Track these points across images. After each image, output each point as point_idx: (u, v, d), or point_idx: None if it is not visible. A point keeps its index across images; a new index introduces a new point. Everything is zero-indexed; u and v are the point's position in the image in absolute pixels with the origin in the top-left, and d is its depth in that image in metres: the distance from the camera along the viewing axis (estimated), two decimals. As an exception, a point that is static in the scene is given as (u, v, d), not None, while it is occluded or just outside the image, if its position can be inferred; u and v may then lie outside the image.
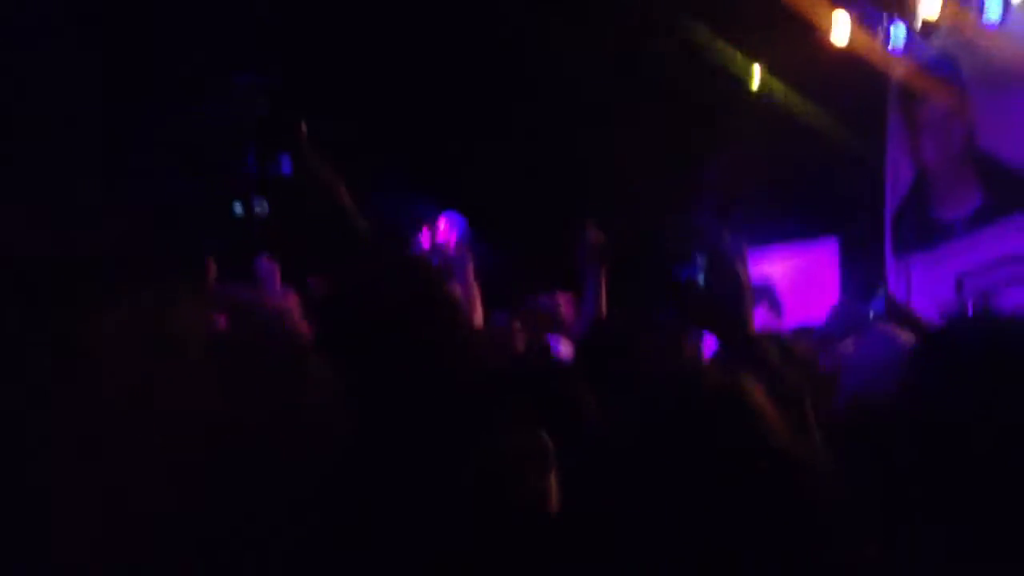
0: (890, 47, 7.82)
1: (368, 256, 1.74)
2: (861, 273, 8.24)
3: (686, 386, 1.74)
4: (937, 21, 7.43)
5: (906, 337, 2.78)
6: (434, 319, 1.73)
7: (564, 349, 4.14)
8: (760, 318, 8.05)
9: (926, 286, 7.53)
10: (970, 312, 6.10)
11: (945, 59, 7.54)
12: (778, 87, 8.66)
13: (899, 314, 3.72)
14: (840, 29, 7.82)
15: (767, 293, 7.71)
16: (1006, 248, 6.98)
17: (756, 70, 8.74)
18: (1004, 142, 7.14)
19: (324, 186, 1.77)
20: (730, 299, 2.32)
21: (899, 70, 7.97)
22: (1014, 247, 6.87)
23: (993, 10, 6.95)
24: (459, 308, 1.91)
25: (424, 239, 4.31)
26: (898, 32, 7.77)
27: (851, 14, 7.82)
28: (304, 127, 1.83)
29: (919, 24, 7.53)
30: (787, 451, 1.61)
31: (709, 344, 3.87)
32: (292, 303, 2.61)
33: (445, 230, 4.81)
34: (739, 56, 8.61)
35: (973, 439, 1.46)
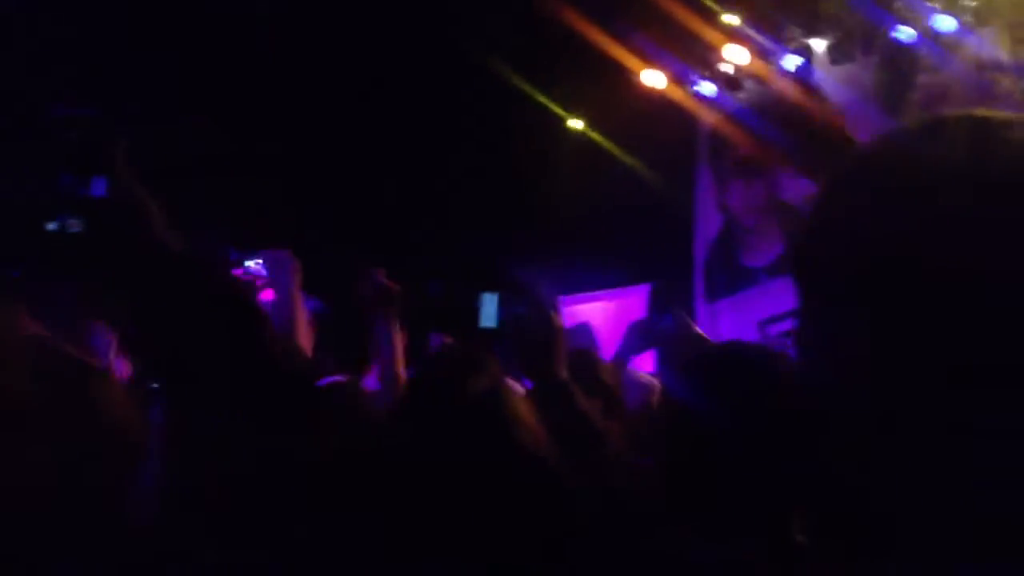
0: (700, 99, 8.09)
1: (176, 277, 1.66)
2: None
3: (446, 397, 1.77)
4: (742, 74, 7.75)
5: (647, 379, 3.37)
6: (237, 330, 1.66)
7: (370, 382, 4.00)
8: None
9: (732, 330, 7.74)
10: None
11: (751, 110, 7.85)
12: (594, 136, 8.82)
13: (684, 329, 3.81)
14: (653, 79, 8.04)
15: (587, 334, 7.75)
16: (805, 295, 7.24)
17: (571, 119, 8.87)
18: (803, 194, 7.45)
19: (136, 207, 1.65)
20: (542, 342, 2.33)
21: (708, 121, 8.24)
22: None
23: (792, 61, 7.30)
24: (263, 320, 1.83)
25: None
26: (707, 85, 8.05)
27: (663, 66, 8.06)
28: (121, 148, 1.70)
29: (725, 78, 7.83)
30: (543, 459, 1.66)
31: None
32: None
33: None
34: (555, 104, 8.73)
35: (721, 443, 1.69)
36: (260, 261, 3.98)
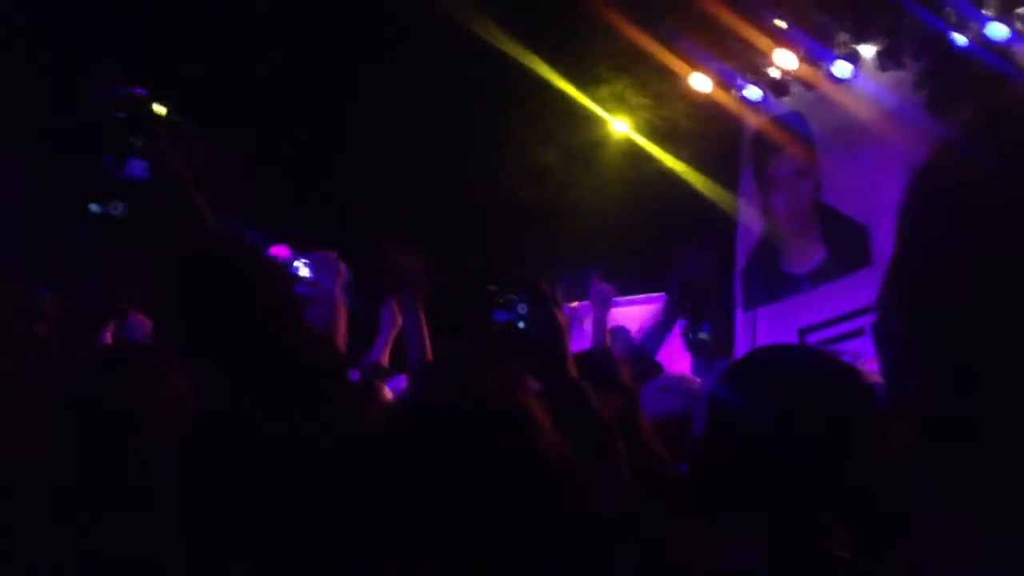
0: (745, 104, 8.01)
1: (215, 256, 1.66)
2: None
3: (462, 400, 1.71)
4: (790, 79, 7.66)
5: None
6: (271, 313, 1.67)
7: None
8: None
9: (771, 338, 7.64)
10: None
11: (796, 116, 7.76)
12: (639, 140, 8.76)
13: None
14: (699, 83, 7.97)
15: (622, 338, 7.70)
16: (845, 305, 7.16)
17: (616, 121, 8.82)
18: (847, 200, 7.35)
19: (178, 188, 1.66)
20: (548, 342, 2.32)
21: (752, 127, 8.15)
22: (851, 304, 7.04)
23: (842, 68, 7.19)
24: (297, 310, 1.84)
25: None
26: (752, 90, 7.96)
27: (709, 71, 7.98)
28: (163, 132, 1.72)
29: (772, 82, 7.75)
30: (563, 465, 1.61)
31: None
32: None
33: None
34: (601, 106, 8.68)
35: (770, 447, 1.65)
36: (306, 261, 3.98)
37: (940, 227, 0.77)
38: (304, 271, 3.67)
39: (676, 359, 7.61)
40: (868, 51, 7.23)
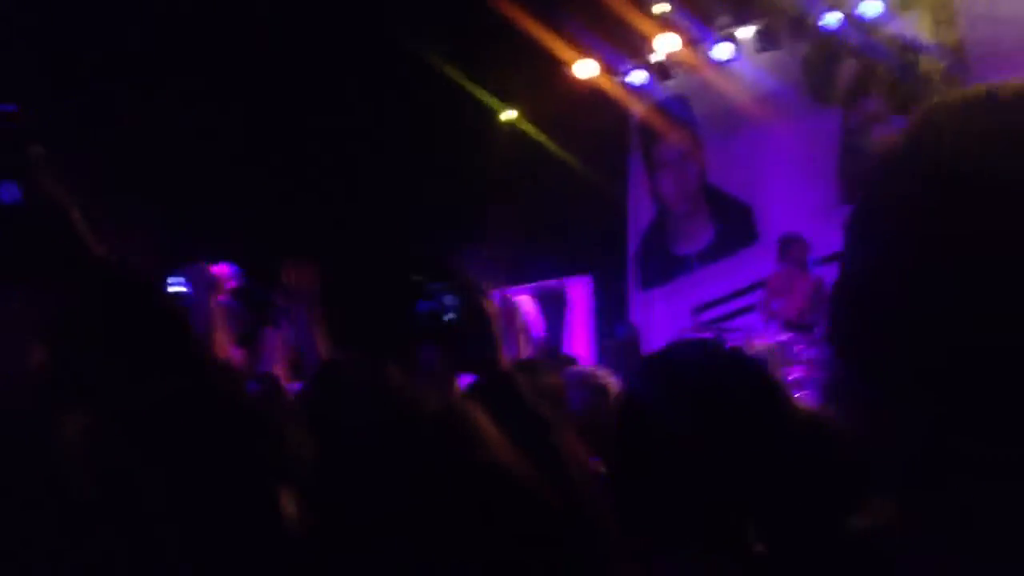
0: (630, 90, 8.10)
1: (95, 279, 1.58)
2: (611, 307, 8.41)
3: (404, 412, 1.71)
4: (673, 62, 7.76)
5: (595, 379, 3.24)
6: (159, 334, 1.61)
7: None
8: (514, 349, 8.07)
9: (666, 318, 7.76)
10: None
11: (680, 100, 7.87)
12: (528, 127, 8.79)
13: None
14: (585, 69, 8.02)
15: (630, 330, 7.70)
16: (735, 283, 7.32)
17: (506, 109, 8.83)
18: (731, 180, 7.50)
19: (54, 211, 1.57)
20: (478, 332, 2.25)
21: (639, 111, 8.24)
22: (741, 281, 7.20)
23: (722, 50, 7.32)
24: (187, 327, 1.78)
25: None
26: (638, 74, 8.05)
27: (595, 56, 8.04)
28: (36, 151, 1.62)
29: (655, 66, 7.84)
30: (508, 472, 1.61)
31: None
32: None
33: (225, 276, 4.63)
34: (489, 93, 8.68)
35: (681, 444, 1.65)
36: (181, 279, 3.91)
37: (889, 242, 0.76)
38: (179, 287, 3.60)
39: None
40: (747, 32, 7.37)
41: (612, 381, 3.70)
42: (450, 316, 2.21)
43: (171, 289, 3.98)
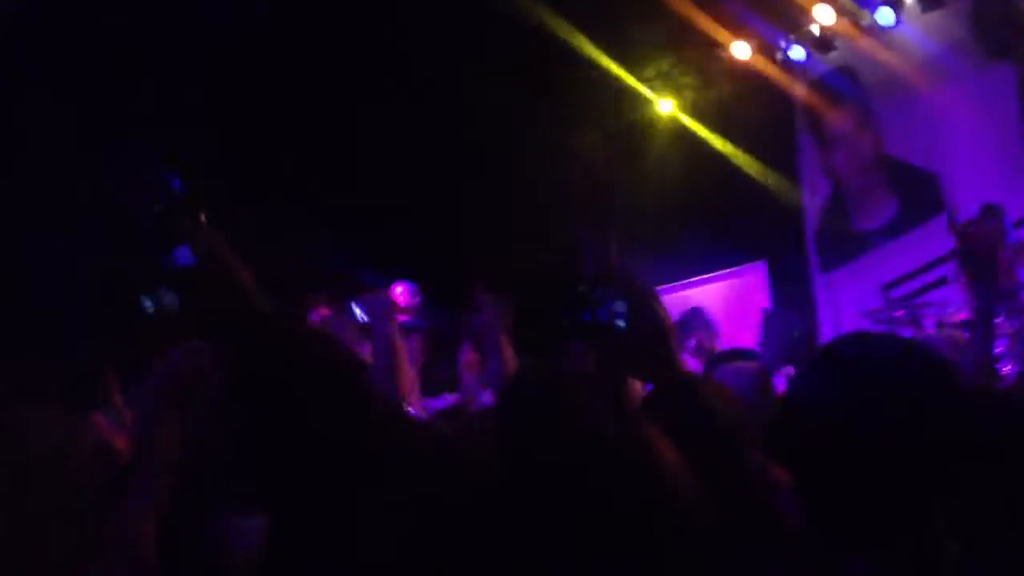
0: (790, 68, 7.85)
1: (266, 333, 1.66)
2: (790, 293, 8.18)
3: (588, 441, 1.69)
4: (832, 34, 7.47)
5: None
6: (329, 388, 1.67)
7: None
8: (695, 342, 7.98)
9: (852, 298, 7.48)
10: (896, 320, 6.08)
11: (843, 72, 7.57)
12: (687, 116, 8.63)
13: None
14: (739, 51, 7.83)
15: (700, 317, 7.63)
16: (924, 255, 6.98)
17: (664, 100, 8.70)
18: (911, 147, 7.15)
19: (223, 271, 1.66)
20: (652, 339, 2.20)
21: (801, 89, 7.98)
22: (931, 252, 6.86)
23: (885, 15, 6.99)
24: (361, 377, 1.84)
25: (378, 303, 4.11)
26: (797, 50, 7.80)
27: (750, 34, 7.83)
28: (203, 216, 1.72)
29: (815, 40, 7.58)
30: (689, 508, 1.59)
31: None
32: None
33: (405, 296, 4.76)
34: (647, 85, 8.57)
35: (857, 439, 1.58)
36: (360, 305, 4.01)
37: None
38: (359, 314, 3.70)
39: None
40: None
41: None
42: (620, 324, 2.15)
43: (354, 315, 4.08)
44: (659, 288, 5.31)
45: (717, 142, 8.25)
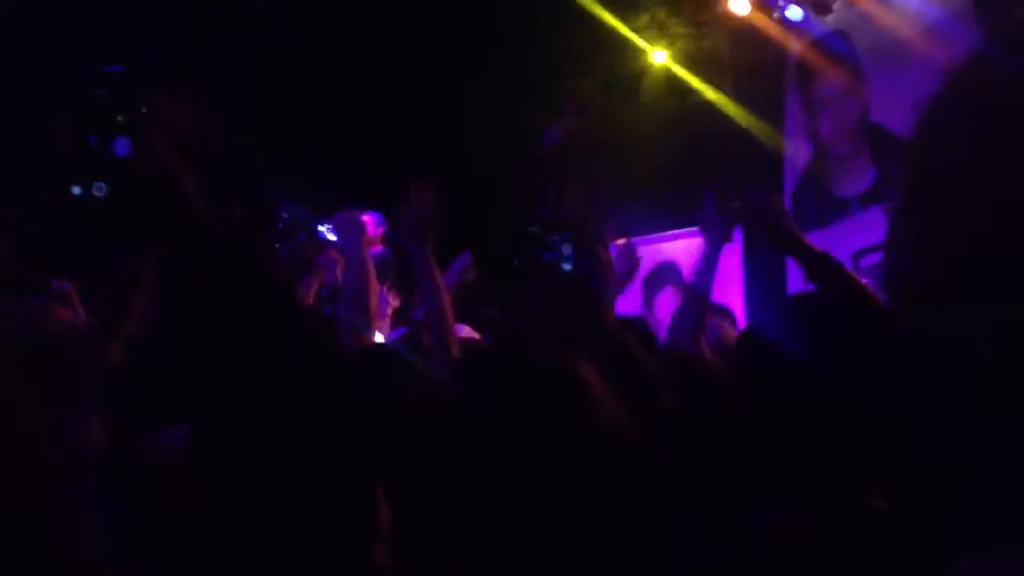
0: (786, 26, 7.81)
1: (204, 242, 1.62)
2: (764, 253, 8.19)
3: (523, 368, 1.75)
4: (830, -4, 7.44)
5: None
6: (260, 301, 1.65)
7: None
8: (667, 300, 7.98)
9: (823, 263, 7.50)
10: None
11: (839, 35, 7.54)
12: (676, 67, 8.58)
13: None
14: (737, 5, 7.78)
15: (672, 271, 7.63)
16: (898, 225, 6.99)
17: (653, 50, 8.64)
18: (896, 118, 7.15)
19: (164, 169, 1.62)
20: (594, 284, 2.23)
21: (796, 48, 7.94)
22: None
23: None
24: (290, 292, 1.82)
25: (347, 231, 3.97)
26: (794, 10, 7.75)
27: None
28: (150, 107, 1.67)
29: (813, 1, 7.53)
30: (620, 432, 1.63)
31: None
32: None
33: (371, 226, 4.73)
34: (636, 34, 8.51)
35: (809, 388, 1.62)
36: (330, 226, 3.95)
37: (964, 139, 0.75)
38: (330, 236, 3.66)
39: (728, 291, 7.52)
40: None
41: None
42: (567, 266, 2.16)
43: (324, 236, 4.03)
44: (637, 239, 5.32)
45: (708, 92, 8.22)
